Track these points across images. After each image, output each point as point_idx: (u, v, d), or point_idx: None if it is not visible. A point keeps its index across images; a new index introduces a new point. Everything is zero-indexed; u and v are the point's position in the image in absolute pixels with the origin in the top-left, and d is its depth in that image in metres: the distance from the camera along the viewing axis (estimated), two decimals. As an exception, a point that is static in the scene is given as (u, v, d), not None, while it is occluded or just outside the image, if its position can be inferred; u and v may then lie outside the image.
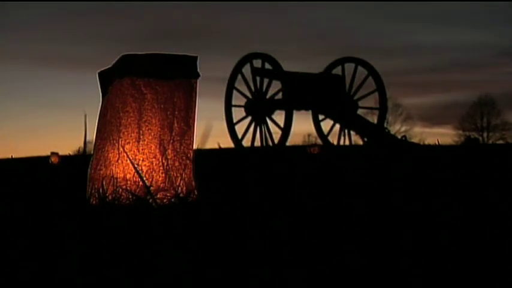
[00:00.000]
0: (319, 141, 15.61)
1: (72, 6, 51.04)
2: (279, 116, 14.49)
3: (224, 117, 15.37)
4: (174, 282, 1.38)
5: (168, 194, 2.55)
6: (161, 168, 2.56)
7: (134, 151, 2.56)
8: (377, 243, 1.67)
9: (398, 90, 64.56)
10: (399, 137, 14.71)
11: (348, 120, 14.92)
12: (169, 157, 2.57)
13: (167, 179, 2.56)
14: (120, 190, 2.53)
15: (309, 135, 24.27)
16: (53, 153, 10.52)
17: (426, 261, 1.48)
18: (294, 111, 14.42)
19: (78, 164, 6.40)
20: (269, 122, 14.68)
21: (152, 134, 2.57)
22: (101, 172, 2.58)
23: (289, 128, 14.25)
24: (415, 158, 5.81)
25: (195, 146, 2.67)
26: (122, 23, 54.51)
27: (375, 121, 15.41)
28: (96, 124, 2.67)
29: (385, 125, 15.49)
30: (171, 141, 2.58)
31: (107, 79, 2.62)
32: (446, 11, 55.46)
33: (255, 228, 1.89)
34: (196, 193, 2.62)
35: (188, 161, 2.60)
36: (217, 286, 1.36)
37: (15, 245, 1.76)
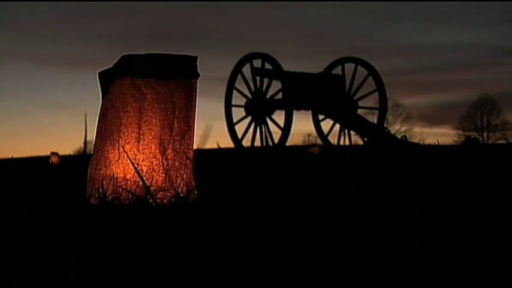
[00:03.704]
0: (319, 141, 15.60)
1: (73, 6, 51.03)
2: (279, 116, 14.48)
3: (224, 117, 15.35)
4: (174, 283, 1.38)
5: (168, 194, 2.55)
6: (161, 168, 2.56)
7: (134, 151, 2.56)
8: (377, 245, 1.67)
9: (398, 90, 64.53)
10: (399, 137, 14.69)
11: (348, 120, 14.90)
12: (169, 157, 2.57)
13: (167, 179, 2.56)
14: (120, 190, 2.53)
15: (309, 135, 24.27)
16: (53, 153, 10.49)
17: (430, 264, 1.48)
18: (294, 111, 14.40)
19: (78, 164, 6.39)
20: (269, 122, 14.67)
21: (152, 134, 2.56)
22: (101, 172, 2.58)
23: (289, 128, 14.24)
24: (416, 157, 5.80)
25: (195, 146, 2.67)
26: (121, 23, 54.50)
27: (375, 121, 15.40)
28: (96, 124, 2.67)
29: (385, 125, 15.47)
30: (171, 141, 2.58)
31: (107, 79, 2.62)
32: (446, 11, 55.48)
33: (254, 229, 1.89)
34: (196, 193, 2.62)
35: (188, 161, 2.60)
36: (217, 286, 1.36)
37: (14, 244, 1.76)
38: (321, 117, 15.42)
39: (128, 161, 2.54)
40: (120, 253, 1.60)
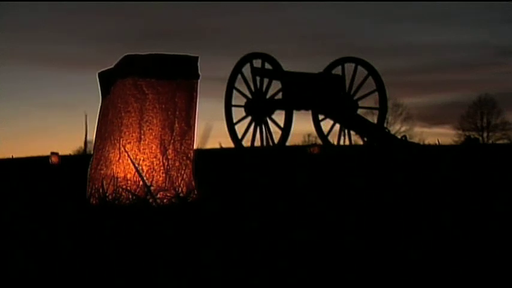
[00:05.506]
0: (319, 141, 15.60)
1: (73, 6, 51.02)
2: (279, 116, 14.49)
3: (224, 117, 15.36)
4: (174, 282, 1.38)
5: (168, 194, 2.55)
6: (162, 168, 2.56)
7: (135, 151, 2.56)
8: (377, 246, 1.67)
9: (398, 90, 64.50)
10: (399, 137, 14.69)
11: (348, 120, 14.91)
12: (169, 157, 2.57)
13: (167, 179, 2.56)
14: (120, 190, 2.53)
15: (309, 135, 24.29)
16: (53, 153, 10.49)
17: (431, 264, 1.48)
18: (294, 111, 14.41)
19: (78, 164, 6.40)
20: (269, 122, 14.68)
21: (153, 134, 2.57)
22: (102, 172, 2.58)
23: (289, 128, 14.24)
24: (416, 157, 5.81)
25: (195, 146, 2.67)
26: (121, 23, 54.49)
27: (375, 121, 15.40)
28: (96, 124, 2.67)
29: (385, 125, 15.48)
30: (172, 141, 2.58)
31: (108, 79, 2.63)
32: (446, 11, 55.50)
33: (254, 228, 1.89)
34: (196, 193, 2.62)
35: (188, 161, 2.60)
36: (216, 285, 1.36)
37: (14, 244, 1.76)
38: (321, 117, 15.43)
39: (128, 160, 2.54)
40: (120, 253, 1.60)
